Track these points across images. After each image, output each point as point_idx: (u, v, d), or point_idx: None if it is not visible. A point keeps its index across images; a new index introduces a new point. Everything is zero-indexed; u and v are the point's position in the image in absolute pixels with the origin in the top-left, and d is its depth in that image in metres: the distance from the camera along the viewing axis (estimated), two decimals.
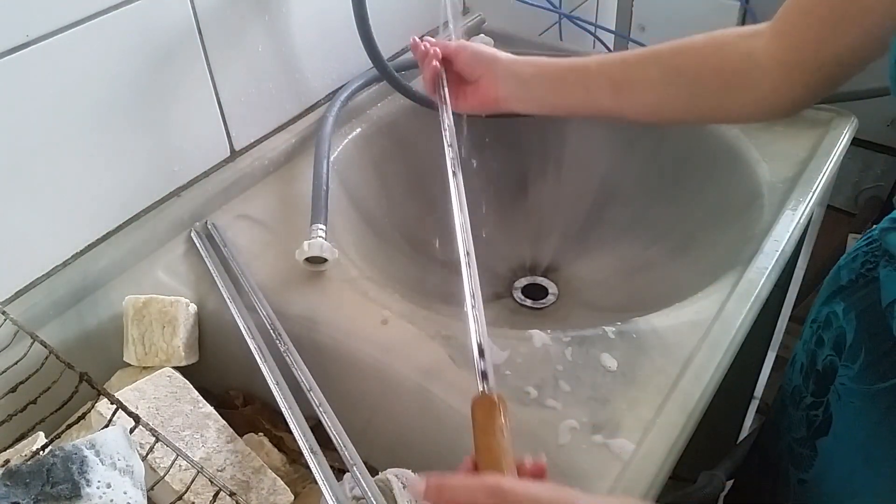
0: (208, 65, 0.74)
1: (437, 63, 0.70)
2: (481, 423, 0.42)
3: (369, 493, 0.50)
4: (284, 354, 0.60)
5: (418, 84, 0.91)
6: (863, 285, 0.57)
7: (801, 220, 0.71)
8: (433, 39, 0.72)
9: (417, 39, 0.72)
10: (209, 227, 0.74)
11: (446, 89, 0.69)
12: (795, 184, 0.75)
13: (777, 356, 1.23)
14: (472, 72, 0.69)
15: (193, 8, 0.70)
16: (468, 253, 0.52)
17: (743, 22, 1.17)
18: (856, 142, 0.82)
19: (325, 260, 0.68)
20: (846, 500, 0.58)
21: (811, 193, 0.73)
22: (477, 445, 0.42)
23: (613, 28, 1.30)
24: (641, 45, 1.17)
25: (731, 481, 0.76)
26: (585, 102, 0.64)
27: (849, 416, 0.56)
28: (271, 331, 0.62)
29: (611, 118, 0.65)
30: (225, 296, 0.65)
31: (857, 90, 0.84)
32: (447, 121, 0.66)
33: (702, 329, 0.61)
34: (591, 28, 1.27)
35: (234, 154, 0.81)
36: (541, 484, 0.38)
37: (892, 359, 0.52)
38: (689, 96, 0.59)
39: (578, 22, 1.23)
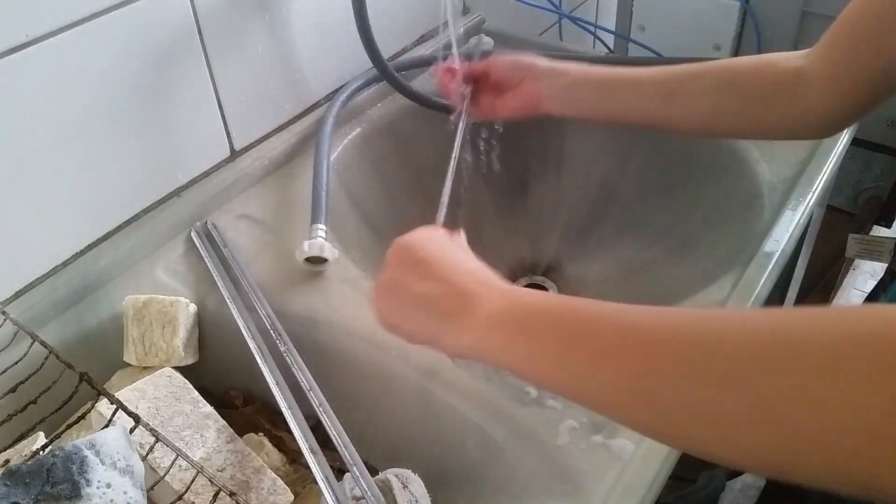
0: (208, 65, 0.74)
1: (462, 84, 0.72)
2: None
3: (369, 493, 0.50)
4: (285, 354, 0.60)
5: (418, 84, 0.92)
6: None
7: (801, 220, 0.71)
8: (457, 63, 0.73)
9: (442, 66, 0.74)
10: (209, 227, 0.74)
11: (464, 114, 0.72)
12: (795, 184, 0.75)
13: None
14: (514, 77, 0.70)
15: (193, 8, 0.70)
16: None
17: (742, 22, 1.17)
18: (855, 142, 0.82)
19: (326, 260, 0.68)
20: None
21: (811, 193, 0.74)
22: None
23: (614, 28, 1.30)
24: (642, 45, 1.17)
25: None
26: (633, 108, 0.65)
27: None
28: (271, 331, 0.62)
29: (655, 127, 0.66)
30: (225, 296, 0.65)
31: None
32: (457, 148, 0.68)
33: None
34: (591, 28, 1.27)
35: (235, 154, 0.81)
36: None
37: None
38: (740, 109, 0.61)
39: (578, 22, 1.23)
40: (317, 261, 0.68)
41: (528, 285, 0.93)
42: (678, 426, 0.30)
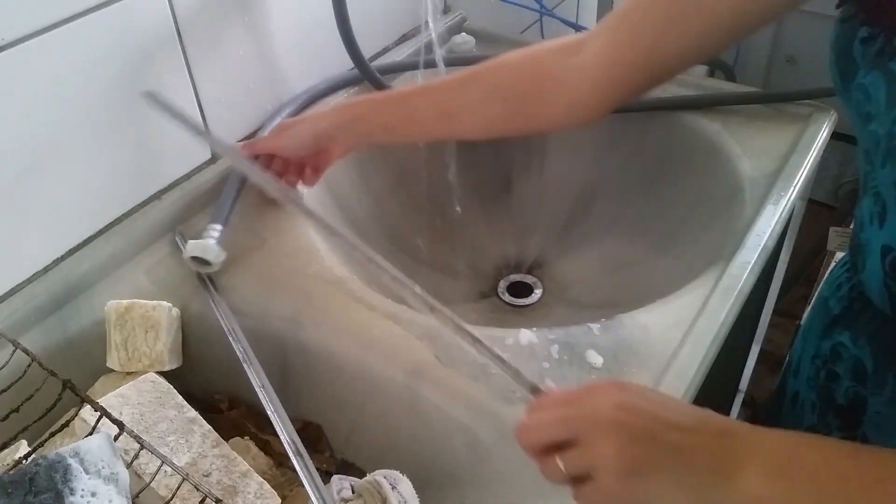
0: (188, 66, 0.73)
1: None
2: None
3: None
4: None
5: (399, 85, 0.91)
6: (860, 310, 0.57)
7: (783, 215, 0.72)
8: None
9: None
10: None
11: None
12: (777, 178, 0.75)
13: (761, 349, 1.25)
14: (308, 150, 0.69)
15: (172, 10, 0.69)
16: None
17: None
18: (835, 136, 0.83)
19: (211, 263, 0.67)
20: None
21: (792, 187, 0.74)
22: None
23: (594, 25, 1.30)
24: None
25: None
26: (418, 132, 0.67)
27: (893, 441, 0.56)
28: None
29: (446, 139, 0.68)
30: (209, 299, 0.65)
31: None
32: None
33: (686, 324, 0.61)
34: (573, 25, 1.27)
35: (216, 156, 0.80)
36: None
37: None
38: (508, 111, 0.61)
39: (559, 19, 1.23)
40: (204, 262, 0.67)
41: (513, 283, 0.93)
42: None
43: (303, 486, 0.50)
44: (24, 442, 0.53)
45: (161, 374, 0.60)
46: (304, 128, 0.68)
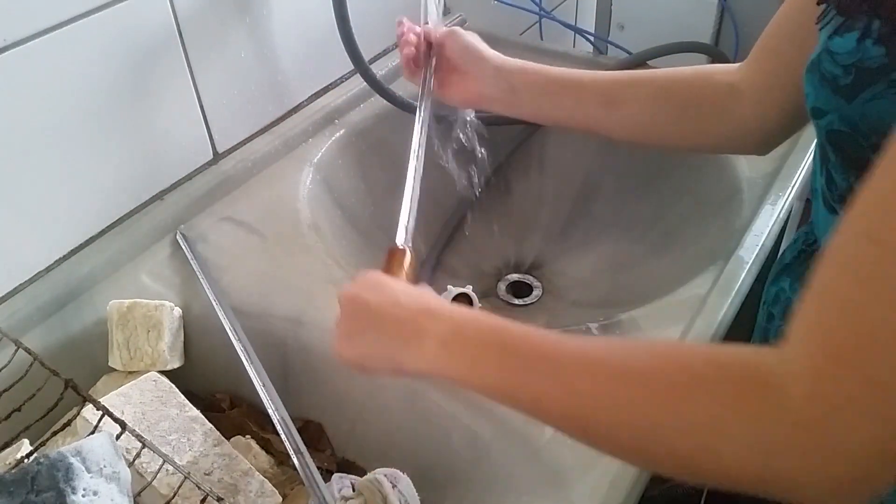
0: (189, 67, 0.73)
1: (419, 44, 0.69)
2: (386, 268, 0.53)
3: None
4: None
5: (398, 86, 0.92)
6: (805, 259, 0.60)
7: (781, 215, 0.72)
8: (418, 27, 0.71)
9: (404, 21, 0.71)
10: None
11: (431, 76, 0.69)
12: (774, 178, 0.76)
13: None
14: (461, 63, 0.68)
15: (174, 11, 0.70)
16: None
17: (720, 19, 1.18)
18: None
19: None
20: None
21: (790, 188, 0.74)
22: None
23: (593, 26, 1.31)
24: (620, 47, 1.18)
25: None
26: (574, 114, 0.65)
27: None
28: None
29: (597, 132, 0.66)
30: (210, 298, 0.65)
31: None
32: (423, 108, 0.67)
33: (684, 323, 0.62)
34: (572, 27, 1.28)
35: (217, 156, 0.81)
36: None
37: None
38: (675, 119, 0.62)
39: (559, 21, 1.23)
40: None
41: (513, 283, 0.94)
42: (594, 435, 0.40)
43: (304, 484, 0.50)
44: (27, 441, 0.53)
45: (163, 373, 0.60)
46: (473, 41, 0.68)
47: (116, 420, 0.49)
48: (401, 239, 0.56)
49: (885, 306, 0.30)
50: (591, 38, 1.27)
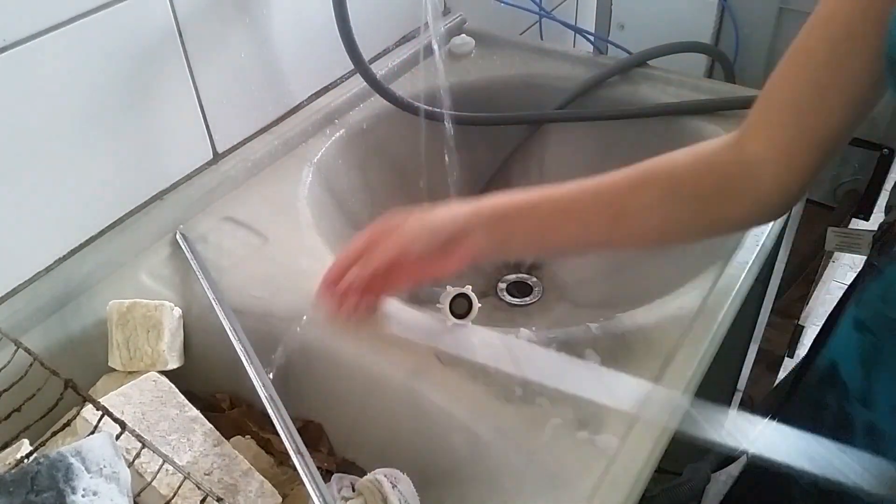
0: (189, 67, 0.73)
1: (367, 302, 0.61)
2: None
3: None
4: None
5: (398, 86, 0.92)
6: None
7: None
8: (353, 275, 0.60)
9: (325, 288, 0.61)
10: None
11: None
12: None
13: (759, 349, 1.25)
14: (439, 250, 0.58)
15: (174, 10, 0.70)
16: None
17: (721, 18, 1.18)
18: None
19: None
20: None
21: None
22: None
23: (593, 26, 1.31)
24: (620, 47, 1.18)
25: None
26: (579, 240, 0.60)
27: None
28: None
29: (613, 248, 0.63)
30: (210, 298, 0.65)
31: None
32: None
33: (684, 324, 0.62)
34: (572, 27, 1.28)
35: (217, 157, 0.81)
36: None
37: None
38: (691, 213, 0.57)
39: (559, 21, 1.23)
40: None
41: (513, 282, 0.94)
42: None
43: (303, 484, 0.50)
44: (26, 441, 0.53)
45: (162, 373, 0.60)
46: (433, 221, 0.58)
47: (116, 420, 0.49)
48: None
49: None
50: (591, 38, 1.27)
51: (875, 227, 0.65)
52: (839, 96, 0.50)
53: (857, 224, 1.29)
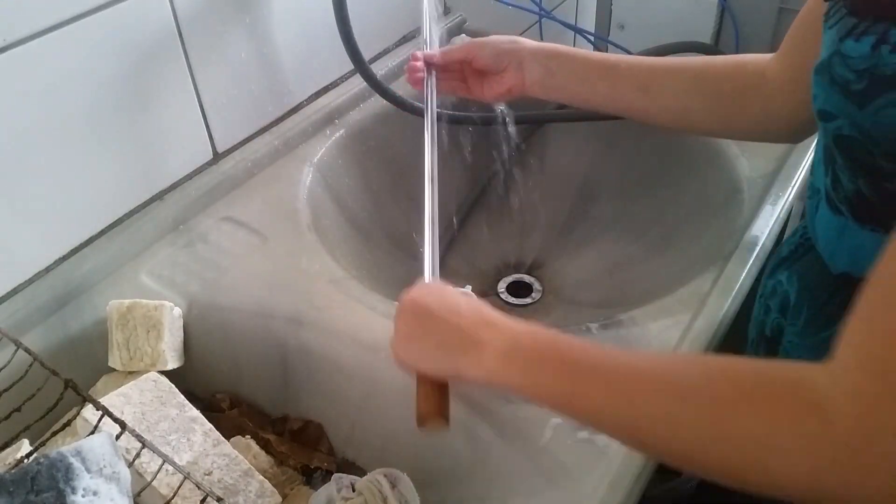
0: (189, 67, 0.73)
1: (424, 69, 0.71)
2: None
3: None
4: None
5: (398, 86, 0.92)
6: (802, 253, 0.60)
7: (781, 215, 0.72)
8: (431, 52, 0.72)
9: (416, 57, 0.72)
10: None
11: (433, 98, 0.70)
12: (775, 178, 0.76)
13: None
14: (498, 65, 0.69)
15: (174, 10, 0.70)
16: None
17: (721, 18, 1.18)
18: None
19: None
20: None
21: (790, 188, 0.74)
22: None
23: (593, 26, 1.31)
24: (620, 47, 1.18)
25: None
26: (609, 99, 0.67)
27: None
28: None
29: (632, 116, 0.68)
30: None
31: None
32: (430, 132, 0.67)
33: (684, 323, 0.62)
34: (572, 27, 1.28)
35: (217, 156, 0.81)
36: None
37: (830, 309, 0.55)
38: (708, 106, 0.64)
39: (559, 21, 1.23)
40: None
41: (513, 283, 0.94)
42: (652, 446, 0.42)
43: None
44: (26, 441, 0.53)
45: (162, 373, 0.60)
46: (501, 40, 0.69)
47: (116, 420, 0.49)
48: (428, 275, 0.55)
49: None
50: (591, 38, 1.27)
51: None
52: None
53: None
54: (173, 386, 0.59)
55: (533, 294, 0.92)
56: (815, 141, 0.56)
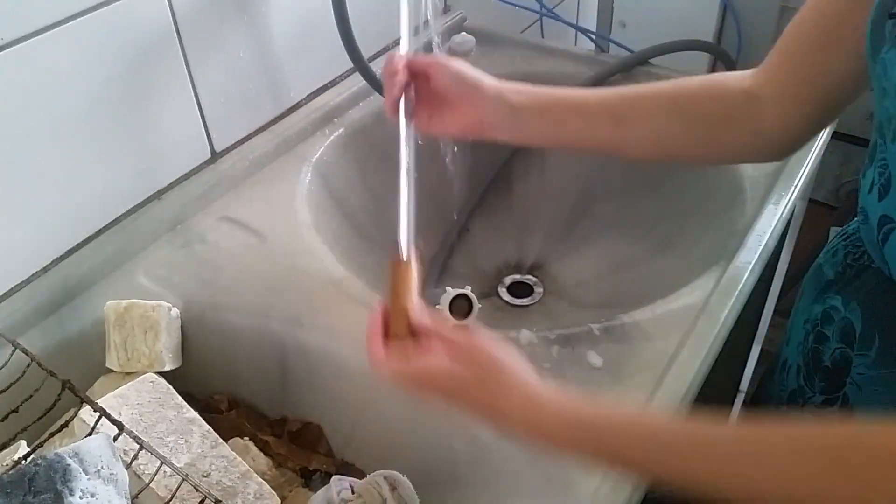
0: (187, 66, 0.73)
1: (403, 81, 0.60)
2: (394, 285, 0.51)
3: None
4: None
5: None
6: (854, 275, 0.58)
7: (784, 214, 0.71)
8: (402, 55, 0.61)
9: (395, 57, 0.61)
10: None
11: (406, 108, 0.61)
12: (777, 178, 0.75)
13: (762, 349, 1.24)
14: (453, 92, 0.60)
15: (172, 9, 0.69)
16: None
17: (723, 17, 1.18)
18: (836, 135, 0.83)
19: None
20: None
21: (793, 187, 0.74)
22: (391, 304, 0.51)
23: (595, 24, 1.30)
24: (621, 45, 1.18)
25: None
26: (582, 135, 0.61)
27: (872, 403, 0.57)
28: None
29: (606, 152, 0.63)
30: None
31: None
32: (405, 142, 0.61)
33: (686, 324, 0.61)
34: (573, 26, 1.27)
35: (215, 156, 0.80)
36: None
37: None
38: (690, 131, 0.59)
39: (560, 19, 1.23)
40: None
41: (514, 283, 0.93)
42: None
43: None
44: (24, 442, 0.53)
45: (160, 374, 0.60)
46: (466, 67, 0.61)
47: (114, 421, 0.49)
48: (403, 250, 0.53)
49: None
50: (593, 36, 1.27)
51: None
52: (839, 55, 0.52)
53: None
54: (171, 387, 0.58)
55: (534, 294, 0.91)
56: (873, 164, 0.54)
